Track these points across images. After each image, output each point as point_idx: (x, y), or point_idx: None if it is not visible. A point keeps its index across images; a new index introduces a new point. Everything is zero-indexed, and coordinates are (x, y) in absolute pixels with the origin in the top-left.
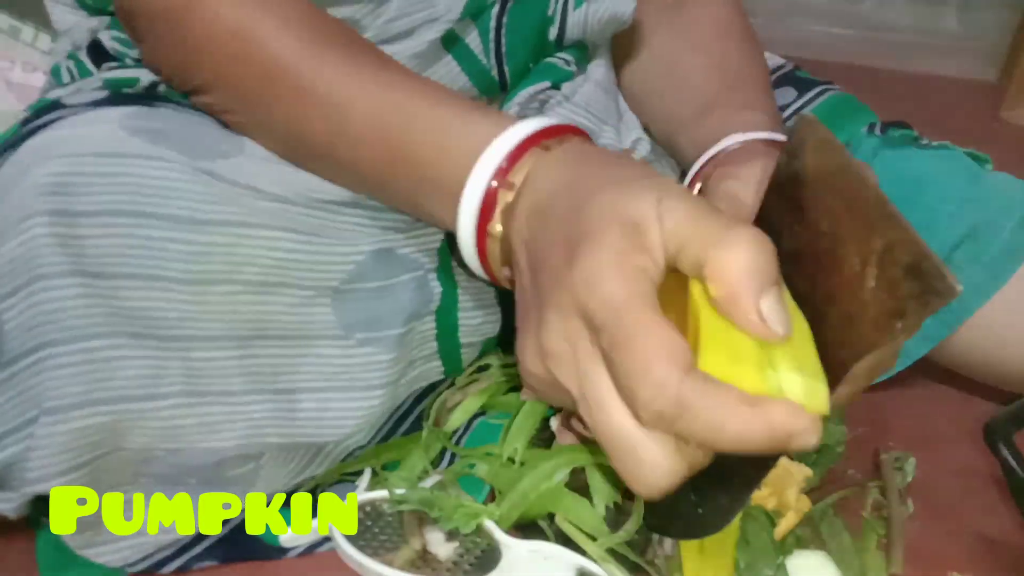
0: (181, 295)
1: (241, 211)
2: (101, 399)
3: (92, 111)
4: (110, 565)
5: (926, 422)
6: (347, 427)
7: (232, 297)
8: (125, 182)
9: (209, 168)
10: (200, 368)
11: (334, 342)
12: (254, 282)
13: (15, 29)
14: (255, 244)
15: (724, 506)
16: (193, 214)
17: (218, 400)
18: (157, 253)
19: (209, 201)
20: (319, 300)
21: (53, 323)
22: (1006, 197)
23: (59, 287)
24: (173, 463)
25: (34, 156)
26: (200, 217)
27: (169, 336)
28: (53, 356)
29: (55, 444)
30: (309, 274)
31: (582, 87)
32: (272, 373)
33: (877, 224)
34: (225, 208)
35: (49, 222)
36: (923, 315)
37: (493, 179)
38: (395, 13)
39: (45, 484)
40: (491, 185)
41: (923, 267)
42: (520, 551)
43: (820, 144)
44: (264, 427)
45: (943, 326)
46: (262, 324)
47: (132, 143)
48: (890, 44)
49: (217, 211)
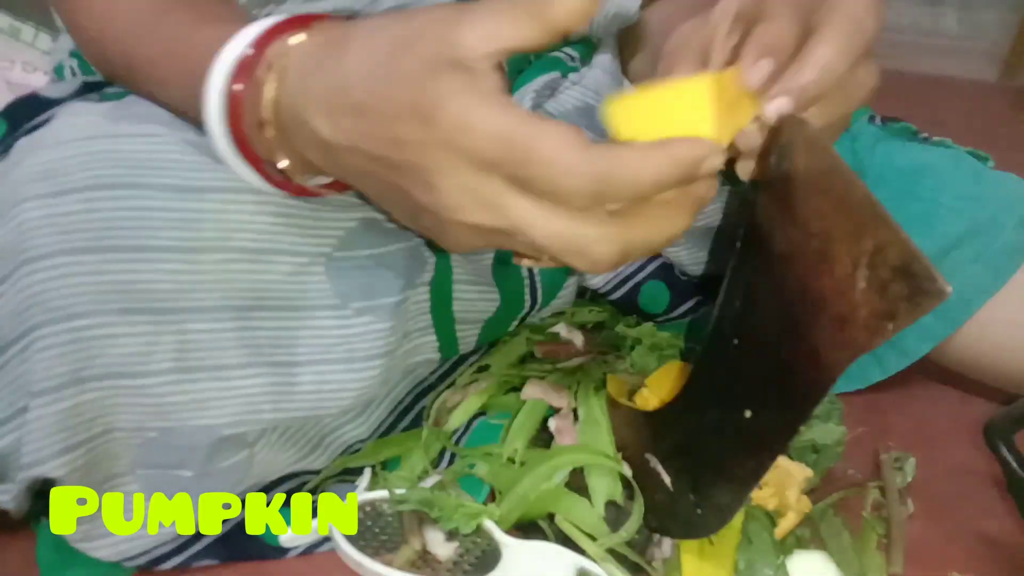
0: (174, 264)
1: (228, 177)
2: (89, 376)
3: (77, 103)
4: (108, 559)
5: (926, 422)
6: (345, 399)
7: (226, 265)
8: (110, 157)
9: (193, 140)
10: (195, 341)
11: (331, 312)
12: (247, 248)
13: (15, 29)
14: (245, 209)
15: (724, 506)
16: (181, 182)
17: (212, 375)
18: (147, 223)
19: (196, 168)
20: (313, 268)
21: (40, 304)
22: (1008, 195)
23: (45, 268)
24: (167, 445)
25: (24, 152)
26: (188, 184)
27: (163, 309)
28: (41, 338)
29: (46, 425)
30: (301, 239)
31: (589, 72)
32: (270, 345)
33: (867, 225)
34: (212, 175)
35: (37, 205)
36: (914, 316)
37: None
38: (392, 3)
39: (40, 468)
40: (234, 88)
41: (913, 268)
42: (520, 551)
43: (809, 144)
44: (259, 403)
45: (944, 325)
46: (258, 293)
47: (117, 126)
48: (890, 44)
49: (205, 178)
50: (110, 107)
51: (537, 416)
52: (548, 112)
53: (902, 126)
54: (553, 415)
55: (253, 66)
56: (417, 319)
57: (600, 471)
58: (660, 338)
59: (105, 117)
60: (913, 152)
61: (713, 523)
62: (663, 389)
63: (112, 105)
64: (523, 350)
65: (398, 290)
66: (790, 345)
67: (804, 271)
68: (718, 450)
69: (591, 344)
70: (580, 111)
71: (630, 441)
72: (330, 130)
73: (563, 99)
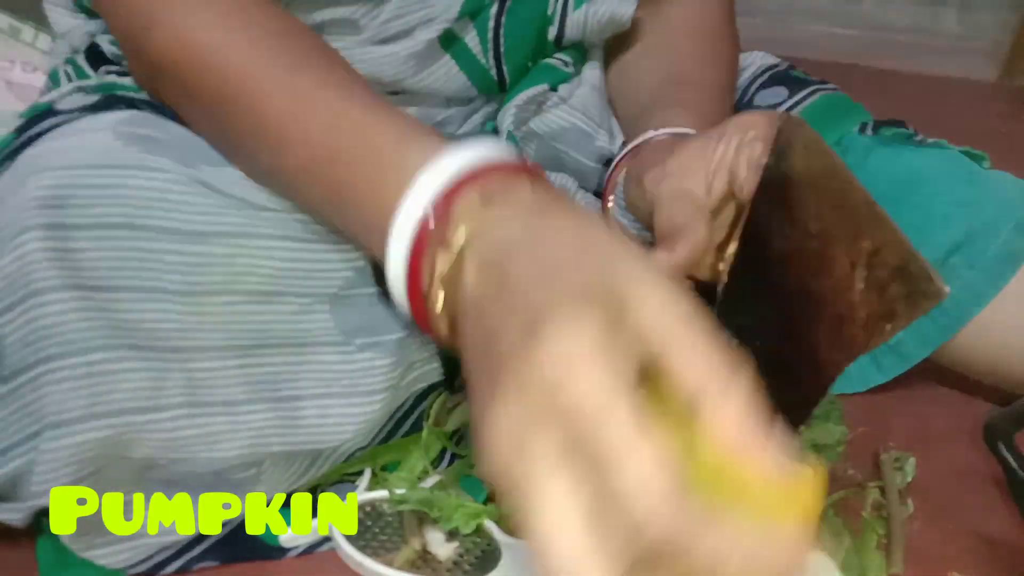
0: (179, 307)
1: (238, 221)
2: (103, 412)
3: (86, 118)
4: (110, 567)
5: (926, 422)
6: (348, 432)
7: (232, 307)
8: (119, 194)
9: (203, 179)
10: (201, 379)
11: (334, 348)
12: (254, 292)
13: (15, 29)
14: (254, 254)
15: None
16: (190, 226)
17: (220, 411)
18: (154, 265)
19: (205, 212)
20: (318, 307)
21: (52, 337)
22: (1003, 199)
23: (56, 301)
24: (176, 471)
25: (29, 168)
26: (197, 229)
27: (168, 348)
28: (53, 370)
29: (59, 458)
30: (308, 281)
31: (578, 89)
32: (273, 381)
33: (865, 226)
34: (222, 219)
35: (43, 236)
36: (912, 316)
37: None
38: (392, 13)
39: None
40: (421, 228)
41: (911, 269)
42: (520, 551)
43: (808, 146)
44: (267, 436)
45: (941, 330)
46: (262, 333)
47: (126, 153)
48: (890, 44)
49: (214, 222)
50: (120, 122)
51: None
52: (534, 131)
53: (895, 132)
54: None
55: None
56: (421, 349)
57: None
58: None
59: (115, 135)
60: (906, 159)
61: None
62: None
63: (122, 119)
64: None
65: (403, 325)
66: (790, 345)
67: (803, 272)
68: None
69: None
70: (566, 131)
71: None
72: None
73: (549, 119)
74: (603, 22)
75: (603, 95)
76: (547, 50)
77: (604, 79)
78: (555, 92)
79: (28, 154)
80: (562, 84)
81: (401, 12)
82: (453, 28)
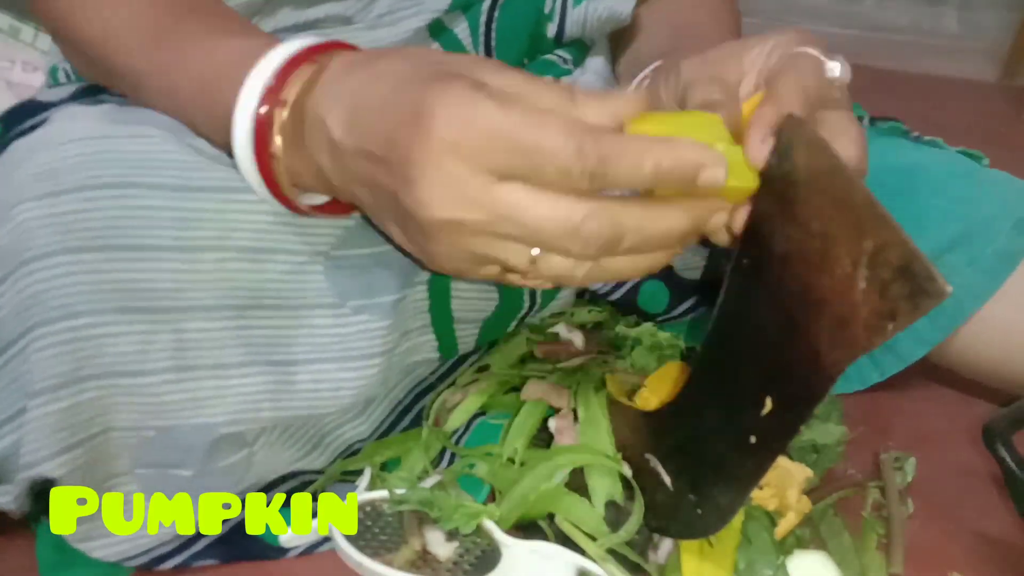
0: (173, 263)
1: (227, 176)
2: (89, 375)
3: (74, 106)
4: (107, 560)
5: (926, 422)
6: (343, 399)
7: (224, 264)
8: (110, 157)
9: (191, 142)
10: (193, 340)
11: (329, 311)
12: (245, 248)
13: (15, 29)
14: (244, 208)
15: (724, 506)
16: (179, 181)
17: (210, 374)
18: (146, 222)
19: (194, 168)
20: (311, 267)
21: (38, 304)
22: (1002, 197)
23: (44, 268)
24: (165, 444)
25: (22, 153)
26: (186, 184)
27: (161, 307)
28: (39, 337)
29: (45, 425)
30: (299, 238)
31: (582, 77)
32: (267, 344)
33: (867, 225)
34: (211, 174)
35: (36, 205)
36: (914, 316)
37: (262, 104)
38: (385, 8)
39: (39, 467)
40: (260, 111)
41: (913, 268)
42: (520, 551)
43: (810, 145)
44: (258, 401)
45: (938, 330)
46: (256, 292)
47: (115, 127)
48: (890, 44)
49: (203, 177)
50: (107, 110)
51: (537, 416)
52: None
53: (891, 125)
54: (553, 415)
55: (279, 90)
56: (415, 318)
57: (600, 471)
58: (660, 338)
59: (102, 120)
60: (905, 151)
61: (713, 523)
62: (663, 389)
63: (109, 108)
64: (523, 350)
65: (396, 288)
66: (790, 345)
67: (804, 271)
68: (718, 450)
69: (591, 344)
70: None
71: (630, 441)
72: (341, 130)
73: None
74: (602, 19)
75: (608, 82)
76: (545, 47)
77: (608, 67)
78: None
79: (20, 144)
80: (563, 78)
81: (394, 8)
82: (442, 18)
